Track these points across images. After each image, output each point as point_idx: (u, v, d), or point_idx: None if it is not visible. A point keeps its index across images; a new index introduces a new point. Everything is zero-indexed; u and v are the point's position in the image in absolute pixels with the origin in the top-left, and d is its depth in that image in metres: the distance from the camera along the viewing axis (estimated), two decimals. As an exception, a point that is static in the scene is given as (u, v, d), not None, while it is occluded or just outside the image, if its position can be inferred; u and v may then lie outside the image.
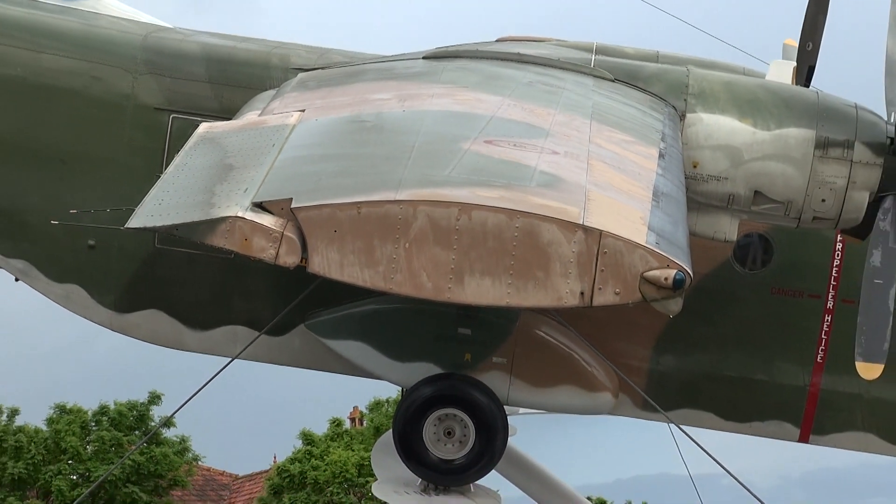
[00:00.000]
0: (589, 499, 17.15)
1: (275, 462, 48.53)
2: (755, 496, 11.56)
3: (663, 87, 12.24)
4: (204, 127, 10.69)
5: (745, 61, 13.41)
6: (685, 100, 11.97)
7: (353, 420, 47.79)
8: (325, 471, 42.44)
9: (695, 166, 11.41)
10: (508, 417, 13.01)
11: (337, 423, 46.86)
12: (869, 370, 11.18)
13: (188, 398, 11.86)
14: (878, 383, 12.22)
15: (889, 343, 11.19)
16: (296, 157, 9.33)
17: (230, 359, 12.50)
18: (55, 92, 13.51)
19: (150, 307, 13.55)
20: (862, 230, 11.91)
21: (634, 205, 8.69)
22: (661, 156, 10.22)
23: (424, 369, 12.88)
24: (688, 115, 11.81)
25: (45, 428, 38.24)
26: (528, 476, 15.42)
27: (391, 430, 13.06)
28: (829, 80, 12.36)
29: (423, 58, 12.88)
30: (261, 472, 54.41)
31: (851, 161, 11.42)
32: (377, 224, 7.94)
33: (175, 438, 39.68)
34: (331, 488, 41.95)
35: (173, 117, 13.39)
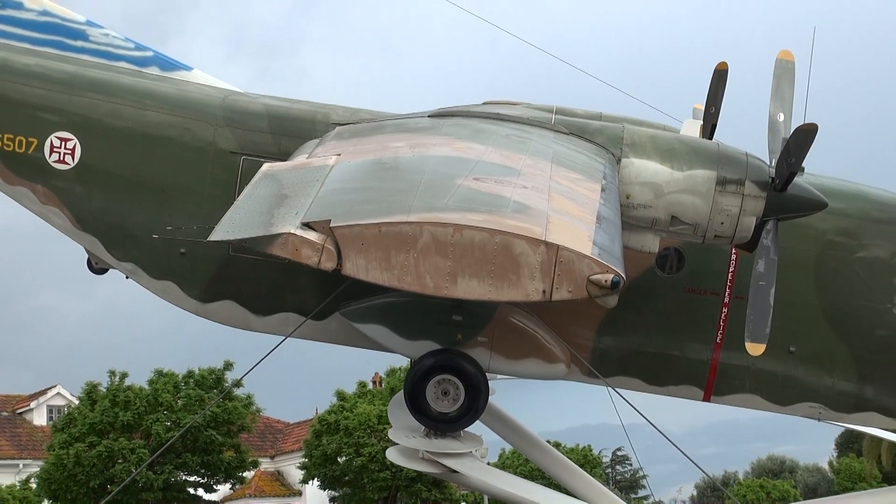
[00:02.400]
0: (548, 441, 18.09)
1: (316, 413, 49.87)
2: (669, 440, 13.21)
3: (604, 138, 13.01)
4: (266, 166, 11.59)
5: (665, 120, 14.50)
6: (620, 148, 12.73)
7: (374, 382, 49.31)
8: (353, 420, 44.16)
9: (627, 197, 12.21)
10: (489, 381, 13.85)
11: (362, 384, 48.63)
12: (754, 348, 12.20)
13: (253, 365, 13.25)
14: (761, 358, 13.06)
15: (769, 329, 12.16)
16: (334, 189, 10.28)
17: (284, 337, 13.46)
18: (157, 139, 14.26)
19: (225, 298, 14.29)
20: (750, 245, 12.68)
21: (583, 226, 9.72)
22: (602, 190, 11.11)
23: (427, 346, 13.66)
24: (622, 160, 12.58)
25: (146, 387, 39.96)
26: (503, 425, 16.39)
27: (402, 391, 13.82)
28: (727, 134, 13.31)
29: (429, 116, 13.77)
30: (306, 421, 57.13)
31: (743, 194, 12.22)
32: (393, 239, 9.01)
33: (243, 395, 41.04)
34: (357, 433, 43.64)
35: (244, 158, 14.02)
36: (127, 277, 14.51)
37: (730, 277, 14.27)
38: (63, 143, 14.19)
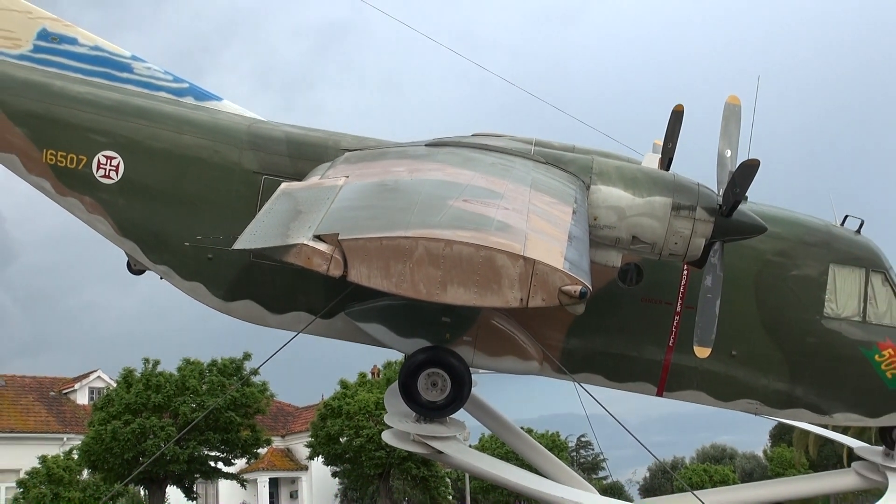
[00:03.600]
0: (522, 428, 17.84)
1: (322, 398, 49.80)
2: (626, 429, 12.97)
3: (576, 168, 12.95)
4: (284, 185, 11.73)
5: (629, 153, 14.45)
6: (590, 177, 12.67)
7: (372, 373, 49.09)
8: (354, 405, 43.98)
9: (595, 219, 12.16)
10: (472, 375, 13.80)
11: (363, 375, 48.37)
12: (701, 352, 12.30)
13: (269, 357, 13.04)
14: (707, 360, 13.05)
15: (714, 335, 12.25)
16: (342, 207, 10.33)
17: (296, 333, 13.35)
18: (190, 159, 14.24)
19: (245, 298, 14.18)
20: (700, 262, 12.72)
21: (556, 244, 9.76)
22: (574, 212, 11.15)
23: (420, 343, 13.62)
24: (591, 187, 12.50)
25: (175, 373, 39.89)
26: (483, 413, 16.48)
27: (397, 381, 13.73)
28: (682, 166, 13.18)
29: (426, 144, 13.70)
30: (313, 405, 56.38)
31: (694, 219, 12.21)
32: (392, 251, 9.08)
33: (259, 382, 41.00)
34: (357, 417, 43.47)
35: (264, 178, 13.94)
36: (161, 278, 14.47)
37: (681, 290, 14.24)
38: (109, 160, 14.17)
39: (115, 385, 43.61)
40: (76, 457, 40.87)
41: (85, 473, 40.95)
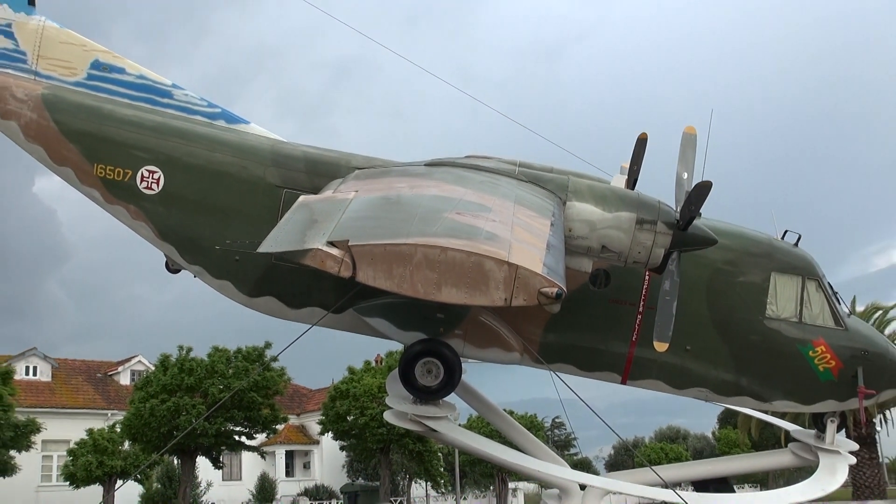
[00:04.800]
0: (504, 409, 17.60)
1: (332, 382, 49.44)
2: (594, 411, 12.95)
3: (554, 186, 12.91)
4: (302, 198, 11.66)
5: (600, 173, 14.29)
6: (566, 194, 12.64)
7: (376, 361, 48.68)
8: (359, 389, 43.54)
9: (570, 231, 12.16)
10: (462, 363, 13.78)
11: (367, 362, 47.89)
12: (660, 346, 12.25)
13: (287, 346, 12.90)
14: (664, 353, 12.95)
15: (671, 332, 12.20)
16: (352, 217, 10.26)
17: (310, 325, 13.30)
18: (221, 174, 14.22)
19: (268, 294, 14.07)
20: (659, 269, 12.61)
21: (536, 251, 9.74)
22: (551, 224, 11.11)
23: (417, 335, 13.60)
24: (567, 203, 12.48)
25: (205, 358, 39.70)
26: (471, 396, 16.40)
27: (397, 368, 13.66)
28: (646, 186, 13.15)
29: (425, 164, 13.72)
30: (325, 388, 55.62)
31: (655, 232, 12.22)
32: (395, 256, 9.06)
33: (278, 367, 40.90)
34: (362, 399, 43.10)
35: (285, 191, 13.79)
36: (194, 276, 14.41)
37: (643, 293, 14.17)
38: (151, 174, 14.11)
39: (153, 368, 43.44)
40: (118, 430, 40.79)
41: (126, 444, 40.82)
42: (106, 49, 15.05)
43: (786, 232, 15.23)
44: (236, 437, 40.86)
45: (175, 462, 46.13)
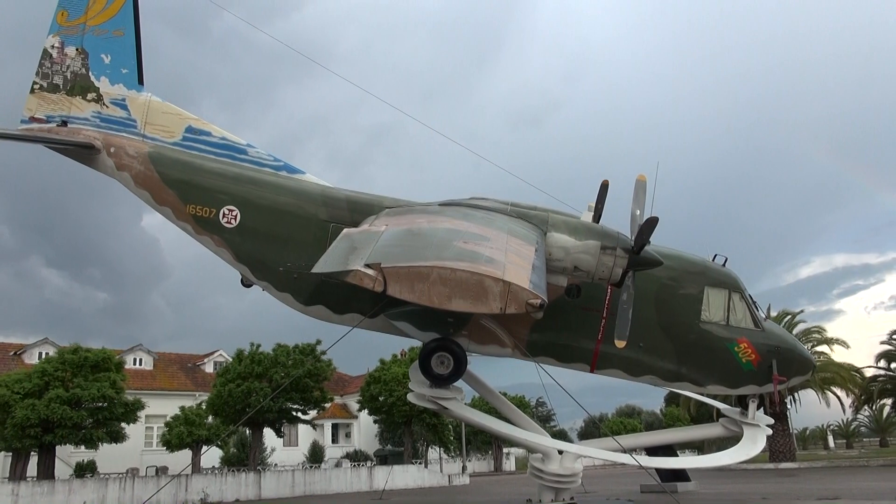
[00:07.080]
0: (500, 391, 16.84)
1: (368, 370, 49.16)
2: (568, 393, 12.84)
3: (538, 220, 12.79)
4: (345, 230, 11.53)
5: (572, 210, 13.89)
6: (547, 227, 12.59)
7: (402, 354, 48.81)
8: (389, 375, 42.78)
9: (549, 255, 12.13)
10: (468, 357, 13.66)
11: (395, 355, 47.59)
12: (620, 343, 12.19)
13: (333, 343, 12.82)
14: (623, 349, 13.18)
15: (628, 332, 12.05)
16: (383, 245, 10.13)
17: (351, 327, 13.19)
18: (284, 212, 14.06)
19: (319, 304, 13.82)
20: (619, 284, 12.54)
21: (524, 272, 9.59)
22: (536, 250, 11.07)
23: (433, 335, 13.51)
24: (548, 234, 12.44)
25: (271, 352, 39.30)
26: (475, 381, 16.11)
27: (418, 360, 13.50)
28: (608, 219, 13.08)
29: (439, 204, 13.55)
30: (362, 375, 54.59)
31: (615, 256, 12.19)
32: (416, 275, 8.94)
33: (326, 360, 40.76)
34: (391, 384, 42.45)
35: (332, 225, 13.63)
36: (263, 290, 14.33)
37: (606, 302, 14.07)
38: (230, 212, 14.15)
39: (230, 360, 43.25)
40: (204, 407, 40.59)
41: (209, 418, 40.62)
42: (196, 117, 15.18)
43: (715, 255, 15.27)
44: (294, 413, 40.53)
45: (247, 432, 45.74)
